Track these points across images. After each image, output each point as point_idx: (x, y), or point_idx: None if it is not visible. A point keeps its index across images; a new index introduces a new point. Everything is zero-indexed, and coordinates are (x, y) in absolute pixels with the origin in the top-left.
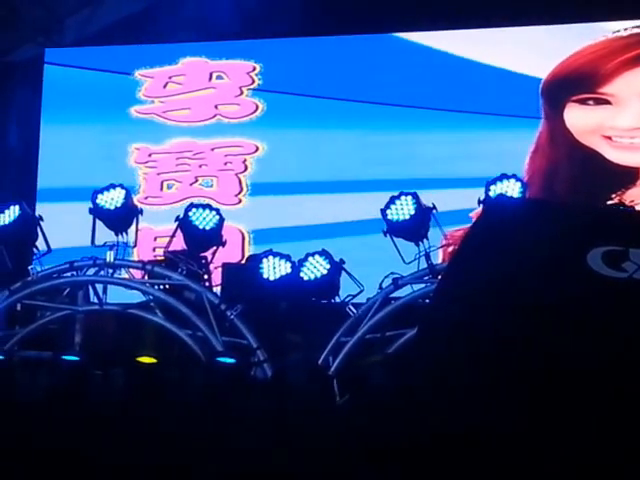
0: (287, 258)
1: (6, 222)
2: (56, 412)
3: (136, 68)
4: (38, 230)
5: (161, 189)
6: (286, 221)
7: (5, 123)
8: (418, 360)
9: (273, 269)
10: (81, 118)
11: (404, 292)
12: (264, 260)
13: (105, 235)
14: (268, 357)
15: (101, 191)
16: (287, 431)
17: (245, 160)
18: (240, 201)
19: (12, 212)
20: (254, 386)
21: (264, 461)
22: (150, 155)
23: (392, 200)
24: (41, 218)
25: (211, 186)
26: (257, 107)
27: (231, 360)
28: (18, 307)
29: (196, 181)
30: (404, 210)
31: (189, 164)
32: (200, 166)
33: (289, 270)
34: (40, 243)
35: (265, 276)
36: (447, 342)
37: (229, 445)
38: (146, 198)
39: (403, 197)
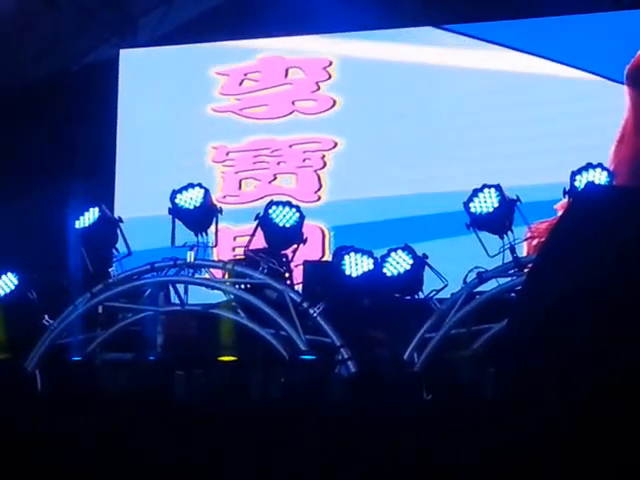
0: (369, 254)
1: (86, 224)
2: (138, 413)
3: (211, 66)
4: (118, 232)
5: (239, 188)
6: (366, 217)
7: (83, 125)
8: (508, 351)
9: (355, 265)
10: (157, 118)
11: (489, 286)
12: (346, 257)
13: (185, 235)
14: (352, 355)
15: (180, 191)
16: (373, 426)
17: (324, 156)
18: (319, 198)
19: (92, 214)
20: (339, 383)
21: (350, 458)
22: (227, 154)
23: (475, 193)
24: (121, 220)
25: (290, 183)
26: (334, 102)
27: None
28: (99, 309)
29: (275, 179)
30: (487, 203)
31: (267, 162)
32: (278, 163)
33: (371, 266)
34: (120, 245)
35: (347, 273)
36: (538, 331)
37: (314, 443)
38: (224, 197)
39: (486, 189)
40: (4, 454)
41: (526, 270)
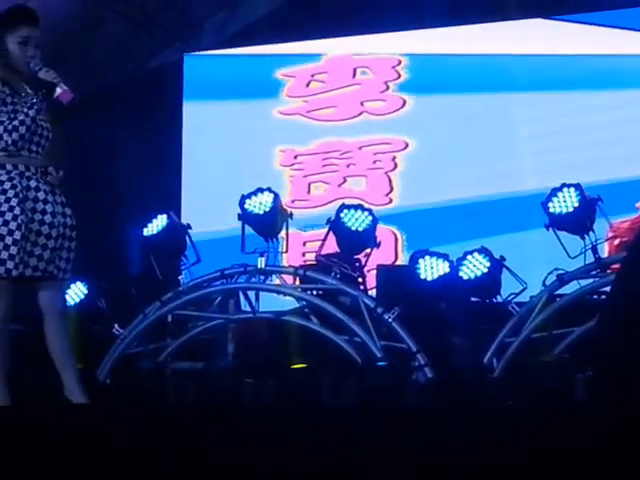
0: (445, 257)
1: (154, 232)
2: (209, 422)
3: (277, 68)
4: (187, 239)
5: (308, 192)
6: (439, 219)
7: (147, 130)
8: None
9: (430, 269)
10: (223, 122)
11: (569, 288)
12: (420, 260)
13: (255, 241)
14: (429, 361)
15: (249, 196)
16: (451, 432)
17: (394, 157)
18: (391, 200)
19: (160, 221)
20: (416, 389)
21: (427, 465)
22: (296, 157)
23: (554, 192)
24: (189, 226)
25: (360, 186)
26: (404, 102)
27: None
28: (169, 318)
29: (344, 181)
30: (567, 202)
31: (336, 164)
32: (348, 166)
33: (447, 270)
34: (189, 252)
35: (422, 277)
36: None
37: (391, 447)
38: (293, 201)
39: (565, 189)
40: (77, 464)
41: (609, 271)
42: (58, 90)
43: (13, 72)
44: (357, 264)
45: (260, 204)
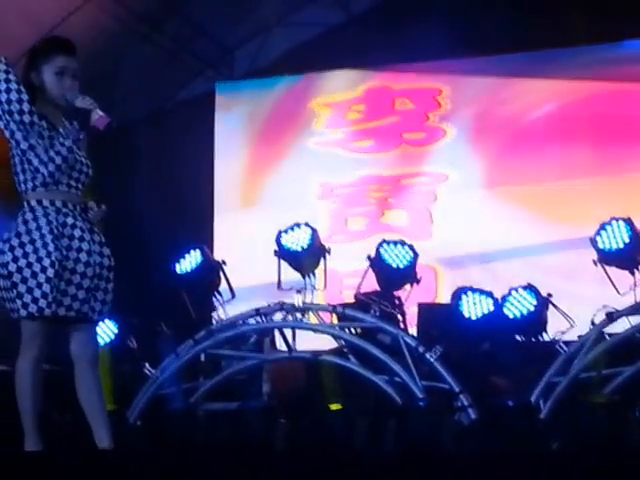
0: (488, 294)
1: (188, 269)
2: (242, 463)
3: (312, 97)
4: (221, 275)
5: (346, 225)
6: (479, 253)
7: (179, 164)
8: None
9: (474, 306)
10: (256, 154)
11: (619, 326)
12: (463, 297)
13: (292, 278)
14: (472, 401)
15: (286, 231)
16: (497, 477)
17: (434, 190)
18: (431, 235)
19: (194, 258)
20: (460, 430)
21: None
22: (332, 190)
23: (602, 227)
24: (224, 262)
25: (400, 220)
26: (445, 133)
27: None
28: (202, 357)
29: (383, 215)
30: (617, 237)
31: (375, 197)
32: (387, 199)
33: (491, 307)
34: (223, 289)
35: (465, 315)
36: None
37: None
38: (330, 236)
39: (614, 222)
40: None
41: None
42: (94, 116)
43: (50, 105)
44: (397, 301)
45: (297, 240)
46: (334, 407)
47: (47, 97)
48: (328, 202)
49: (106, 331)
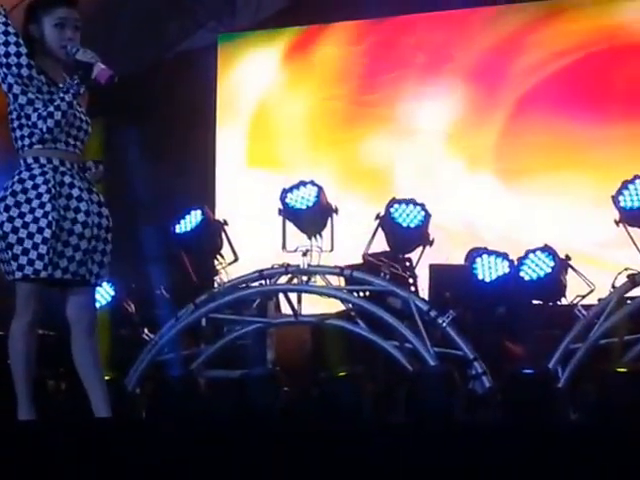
0: (504, 256)
1: (187, 229)
2: (246, 435)
3: (320, 50)
4: (223, 236)
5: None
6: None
7: (178, 119)
8: None
9: (489, 269)
10: (261, 108)
11: None
12: (478, 259)
13: (297, 238)
14: (487, 369)
15: (290, 189)
16: (512, 450)
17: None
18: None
19: (194, 217)
20: (473, 399)
21: None
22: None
23: (625, 185)
24: (225, 223)
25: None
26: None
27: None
28: (203, 322)
29: None
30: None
31: None
32: None
33: (507, 269)
34: (225, 251)
35: (480, 277)
36: None
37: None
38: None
39: (638, 181)
40: None
41: None
42: (96, 70)
43: (50, 59)
44: (408, 264)
45: (302, 198)
46: (341, 374)
47: (47, 50)
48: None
49: (103, 294)
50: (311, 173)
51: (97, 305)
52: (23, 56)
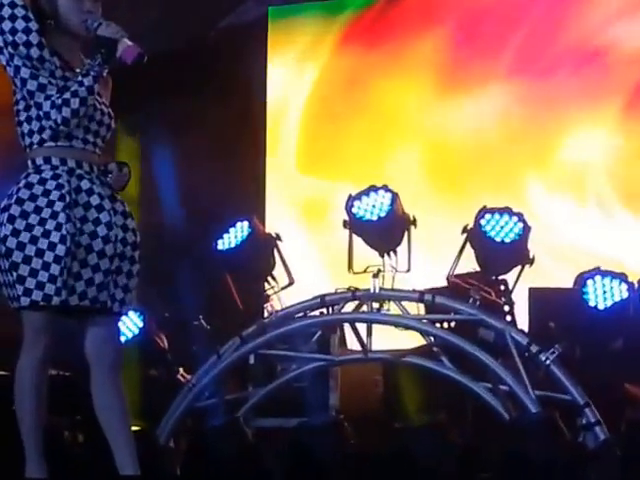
0: (622, 278)
1: (232, 245)
2: None
3: (390, 27)
4: (275, 254)
5: None
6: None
7: (225, 103)
8: None
9: (603, 294)
10: (321, 97)
11: None
12: (589, 282)
13: (365, 257)
14: (601, 417)
15: (359, 196)
16: None
17: None
18: None
19: (239, 231)
20: (584, 455)
21: None
22: None
23: None
24: (278, 237)
25: None
26: None
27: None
28: (251, 360)
29: None
30: None
31: None
32: None
33: (625, 294)
34: (279, 272)
35: (592, 304)
36: None
37: None
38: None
39: None
40: None
41: None
42: (121, 47)
43: (66, 38)
44: (502, 287)
45: (373, 207)
46: (420, 424)
47: (62, 26)
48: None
49: (129, 325)
50: (382, 177)
51: (122, 339)
52: (33, 33)
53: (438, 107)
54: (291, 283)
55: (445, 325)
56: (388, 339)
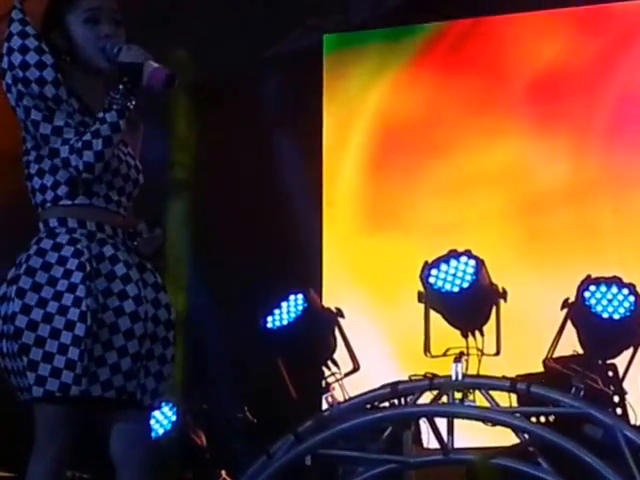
0: None
1: (284, 322)
2: None
3: (472, 57)
4: (336, 333)
5: None
6: None
7: (272, 147)
8: None
9: None
10: (385, 141)
11: None
12: None
13: (446, 336)
14: None
15: (436, 264)
16: None
17: None
18: None
19: (292, 306)
20: None
21: None
22: None
23: None
24: (340, 313)
25: None
26: None
27: None
28: (308, 461)
29: None
30: None
31: None
32: None
33: None
34: (341, 355)
35: None
36: None
37: None
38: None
39: None
40: None
41: None
42: (147, 70)
43: (85, 75)
44: (611, 373)
45: (454, 276)
46: None
47: (80, 62)
48: None
49: (161, 420)
50: (463, 239)
51: (153, 435)
52: (48, 68)
53: (531, 154)
54: (356, 369)
55: (542, 420)
56: (473, 436)
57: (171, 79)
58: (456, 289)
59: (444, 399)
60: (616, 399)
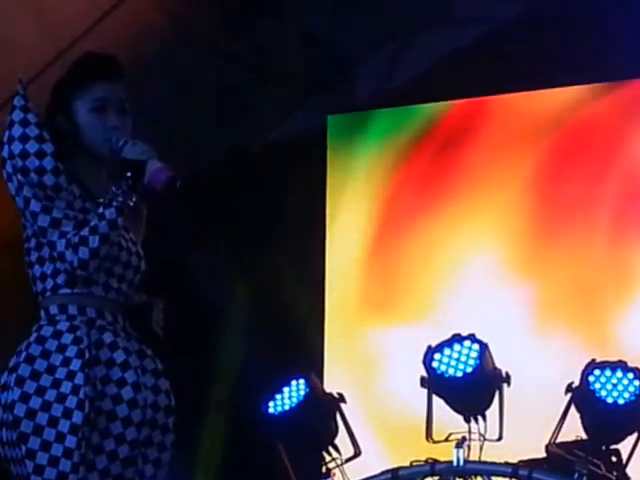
0: None
1: (285, 407)
2: None
3: (482, 138)
4: (337, 418)
5: None
6: None
7: (274, 233)
8: None
9: None
10: (391, 224)
11: None
12: None
13: (448, 421)
14: None
15: (439, 348)
16: None
17: None
18: None
19: (294, 391)
20: None
21: None
22: None
23: None
24: (342, 398)
25: None
26: None
27: None
28: None
29: None
30: None
31: None
32: None
33: None
34: (342, 441)
35: None
36: None
37: None
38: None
39: None
40: None
41: None
42: (150, 169)
43: (89, 162)
44: (615, 459)
45: (457, 361)
46: None
47: (83, 147)
48: None
49: None
50: (466, 324)
51: None
52: (48, 157)
53: (535, 243)
54: (357, 454)
55: None
56: None
57: (172, 181)
58: (459, 374)
59: None
60: None
